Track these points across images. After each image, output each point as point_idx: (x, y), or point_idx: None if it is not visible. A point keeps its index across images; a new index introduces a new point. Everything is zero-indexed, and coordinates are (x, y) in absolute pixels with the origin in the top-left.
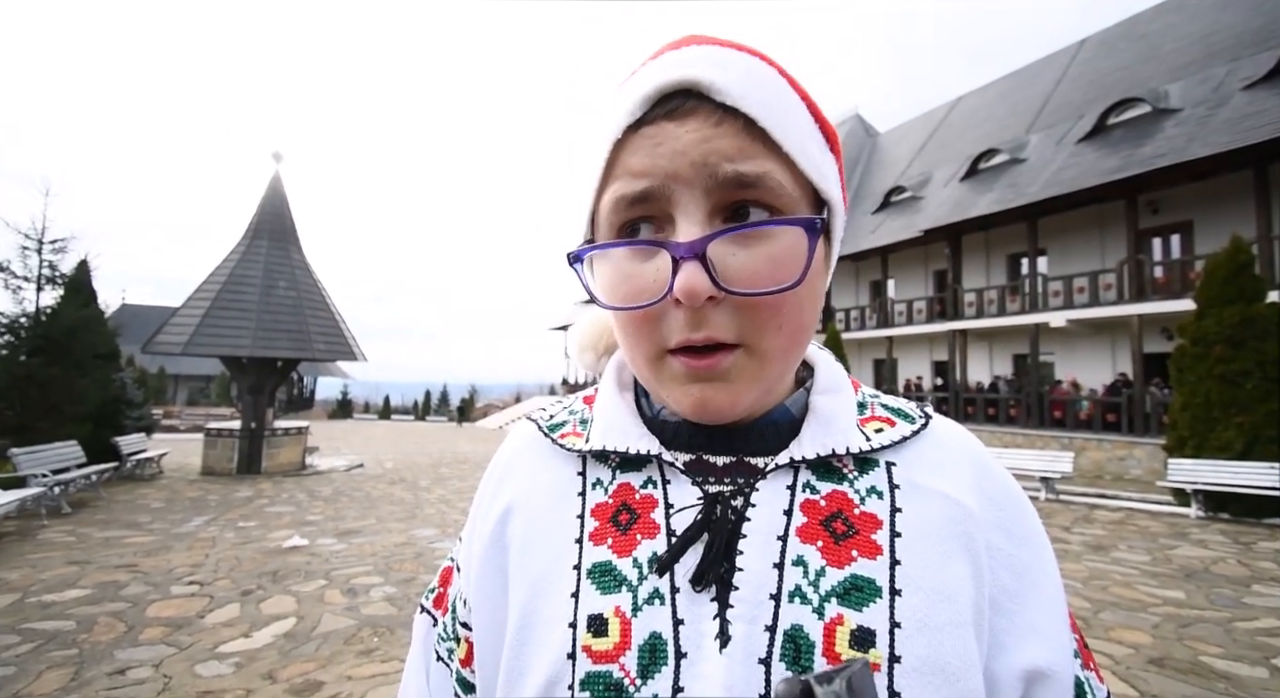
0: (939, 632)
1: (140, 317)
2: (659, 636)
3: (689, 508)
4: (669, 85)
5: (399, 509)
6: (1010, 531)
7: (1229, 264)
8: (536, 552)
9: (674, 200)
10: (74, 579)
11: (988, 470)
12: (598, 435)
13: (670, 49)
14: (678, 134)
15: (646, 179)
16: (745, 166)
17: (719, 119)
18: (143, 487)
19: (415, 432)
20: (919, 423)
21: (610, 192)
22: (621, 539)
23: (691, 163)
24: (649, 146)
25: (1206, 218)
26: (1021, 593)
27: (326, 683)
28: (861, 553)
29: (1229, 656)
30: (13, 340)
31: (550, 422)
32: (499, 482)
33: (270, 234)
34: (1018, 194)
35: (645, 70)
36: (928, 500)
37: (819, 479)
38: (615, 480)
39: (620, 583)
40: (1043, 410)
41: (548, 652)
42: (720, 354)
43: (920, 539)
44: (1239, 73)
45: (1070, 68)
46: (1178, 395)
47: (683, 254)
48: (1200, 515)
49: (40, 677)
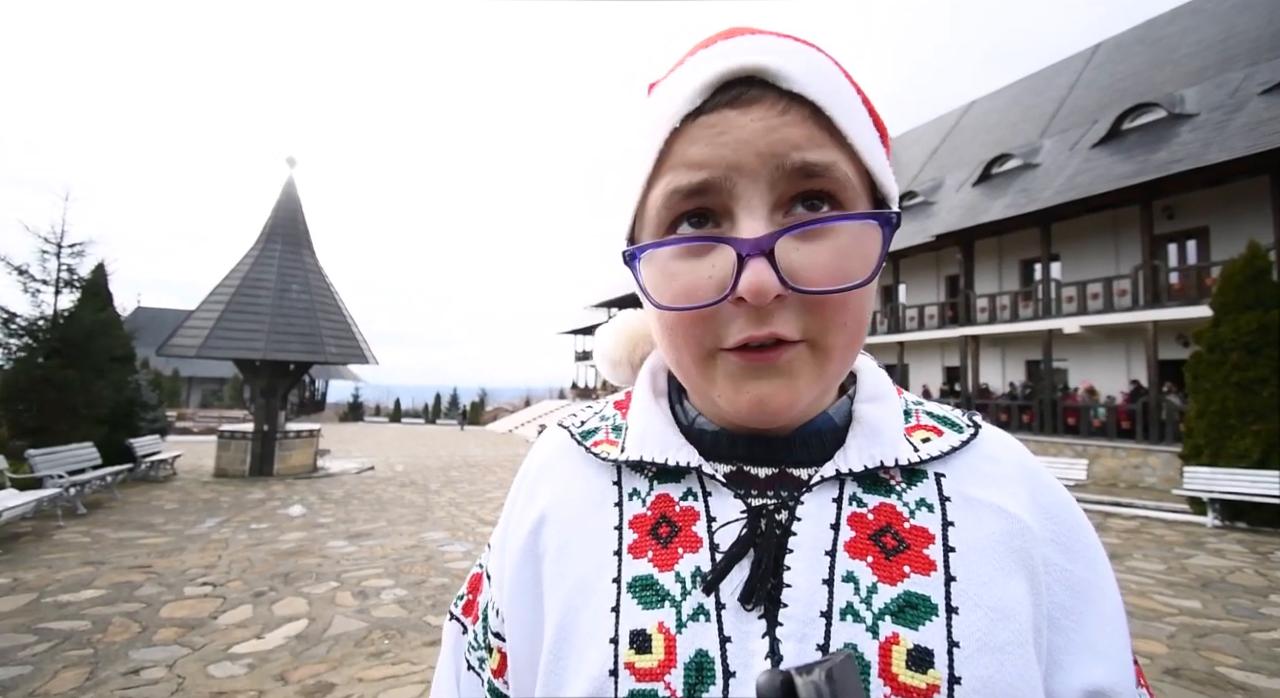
0: (1000, 652)
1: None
2: (705, 654)
3: (733, 522)
4: (731, 71)
5: (409, 512)
6: (1067, 545)
7: (1246, 270)
8: (572, 563)
9: (735, 193)
10: (89, 580)
11: (1042, 483)
12: (634, 445)
13: (722, 38)
14: (741, 122)
15: (706, 170)
16: (814, 155)
17: (785, 107)
18: (157, 488)
19: (425, 435)
20: (968, 433)
21: (662, 184)
22: (663, 553)
23: (757, 153)
24: (710, 136)
25: (1223, 223)
26: (1079, 611)
27: (338, 685)
28: (914, 569)
29: (1246, 666)
30: (31, 343)
31: (582, 429)
32: (532, 489)
33: (284, 238)
34: (1031, 199)
35: (699, 58)
36: (981, 514)
37: (865, 492)
38: (653, 492)
39: (663, 598)
40: (1056, 417)
41: (587, 667)
42: (782, 348)
43: (976, 555)
44: (1256, 77)
45: (1084, 72)
46: (1194, 402)
47: (749, 251)
48: (1217, 524)
49: (56, 676)
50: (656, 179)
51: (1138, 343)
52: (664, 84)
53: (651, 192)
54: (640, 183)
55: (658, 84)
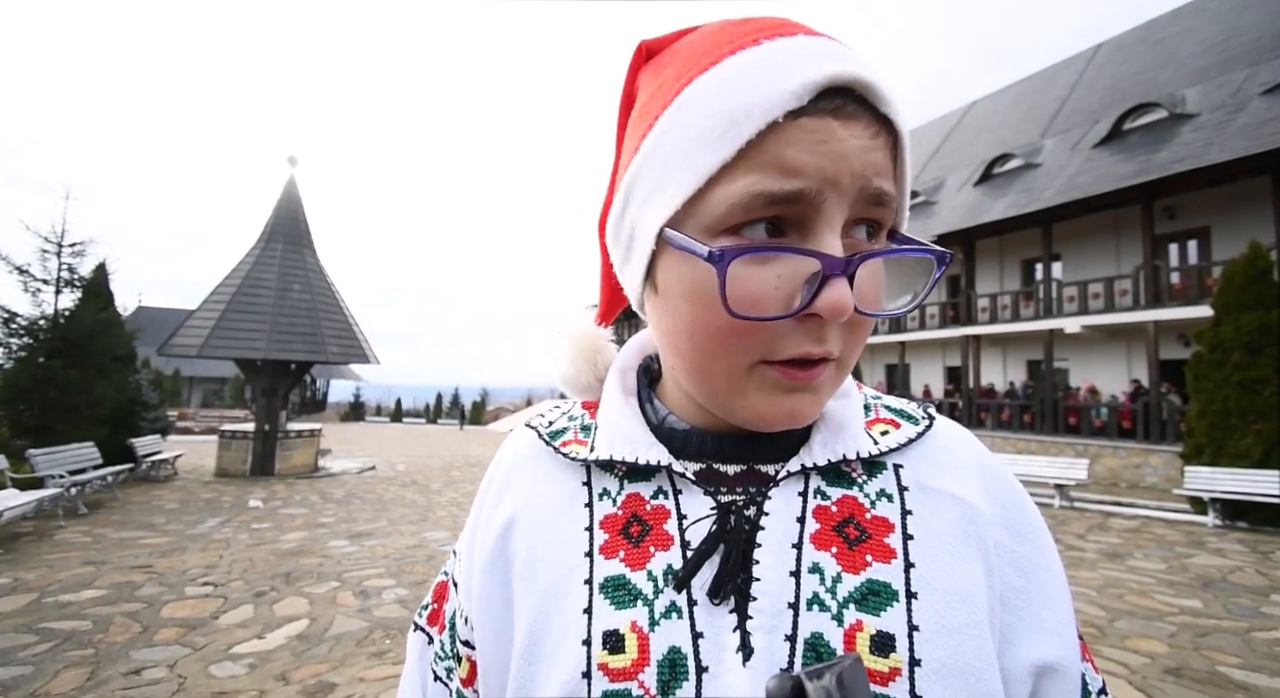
0: (957, 633)
1: (156, 319)
2: (678, 650)
3: (703, 519)
4: (839, 78)
5: (411, 512)
6: (1016, 528)
7: (1247, 270)
8: (543, 566)
9: (822, 208)
10: (90, 580)
11: (991, 470)
12: (604, 445)
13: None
14: (843, 136)
15: (801, 179)
16: (887, 184)
17: (877, 130)
18: (158, 488)
19: (427, 435)
20: (923, 425)
21: (744, 182)
22: (634, 552)
23: (852, 171)
24: (812, 143)
25: (1224, 223)
26: (1028, 590)
27: (339, 685)
28: (876, 557)
29: (1247, 666)
30: (32, 343)
31: (550, 429)
32: (499, 493)
33: (285, 238)
34: (1032, 199)
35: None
36: (937, 502)
37: (829, 485)
38: (623, 491)
39: (635, 597)
40: (1057, 417)
41: (560, 671)
42: (823, 366)
43: (933, 541)
44: (1258, 77)
45: (1086, 72)
46: (1195, 402)
47: (838, 270)
48: (1217, 524)
49: (57, 676)
50: (733, 173)
51: (1139, 343)
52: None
53: (721, 185)
54: (706, 170)
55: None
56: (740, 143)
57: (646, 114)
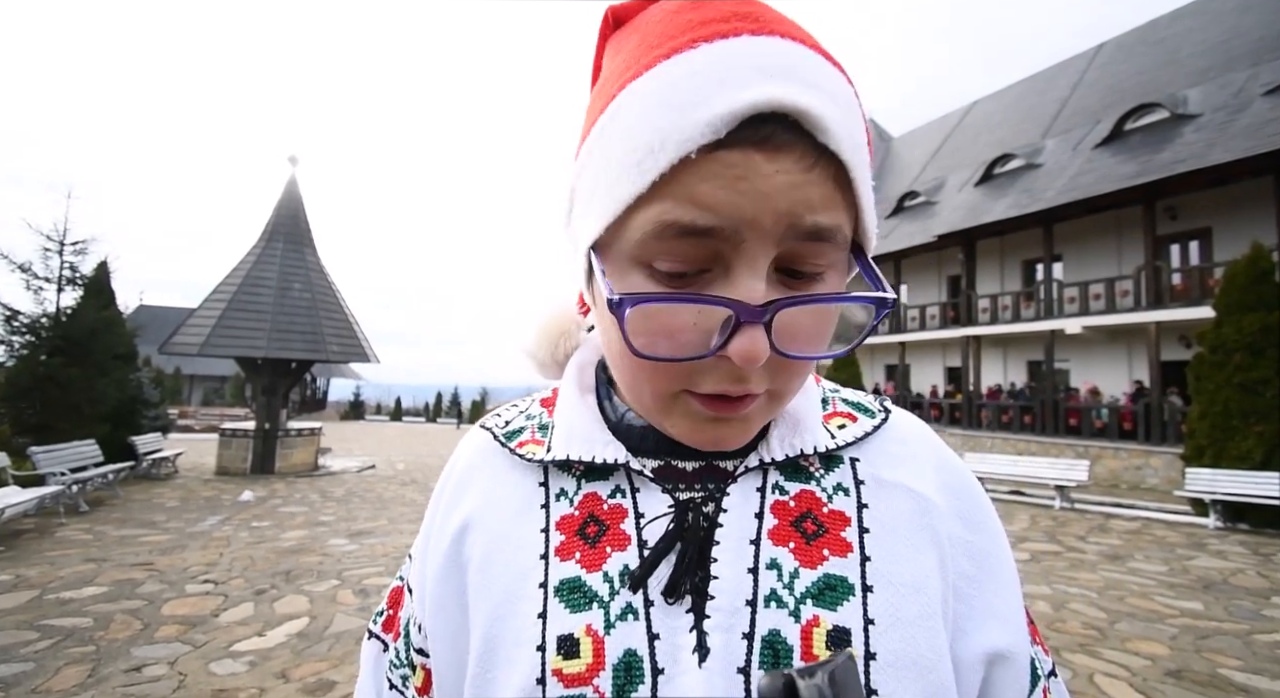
0: (911, 626)
1: (158, 318)
2: (634, 653)
3: (660, 517)
4: (765, 105)
5: (410, 511)
6: (968, 518)
7: (1249, 271)
8: (498, 570)
9: (741, 248)
10: (91, 577)
11: (945, 461)
12: (560, 444)
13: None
14: (766, 172)
15: (715, 217)
16: (825, 219)
17: (813, 162)
18: (158, 486)
19: (427, 433)
20: (879, 417)
21: (655, 210)
22: (590, 553)
23: (775, 211)
24: (729, 180)
25: (1226, 224)
26: (980, 579)
27: (339, 683)
28: (833, 552)
29: (1248, 668)
30: (34, 341)
31: (506, 430)
32: (454, 495)
33: (286, 237)
34: (1033, 199)
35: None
36: (892, 495)
37: (787, 479)
38: (580, 490)
39: (591, 600)
40: (1058, 418)
41: (515, 678)
42: (748, 400)
43: (888, 534)
44: (1260, 78)
45: (1087, 72)
46: (1196, 404)
47: (751, 319)
48: (1219, 526)
49: (58, 673)
50: (649, 200)
51: (1140, 344)
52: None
53: (639, 212)
54: (624, 200)
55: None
56: (654, 175)
57: (600, 97)
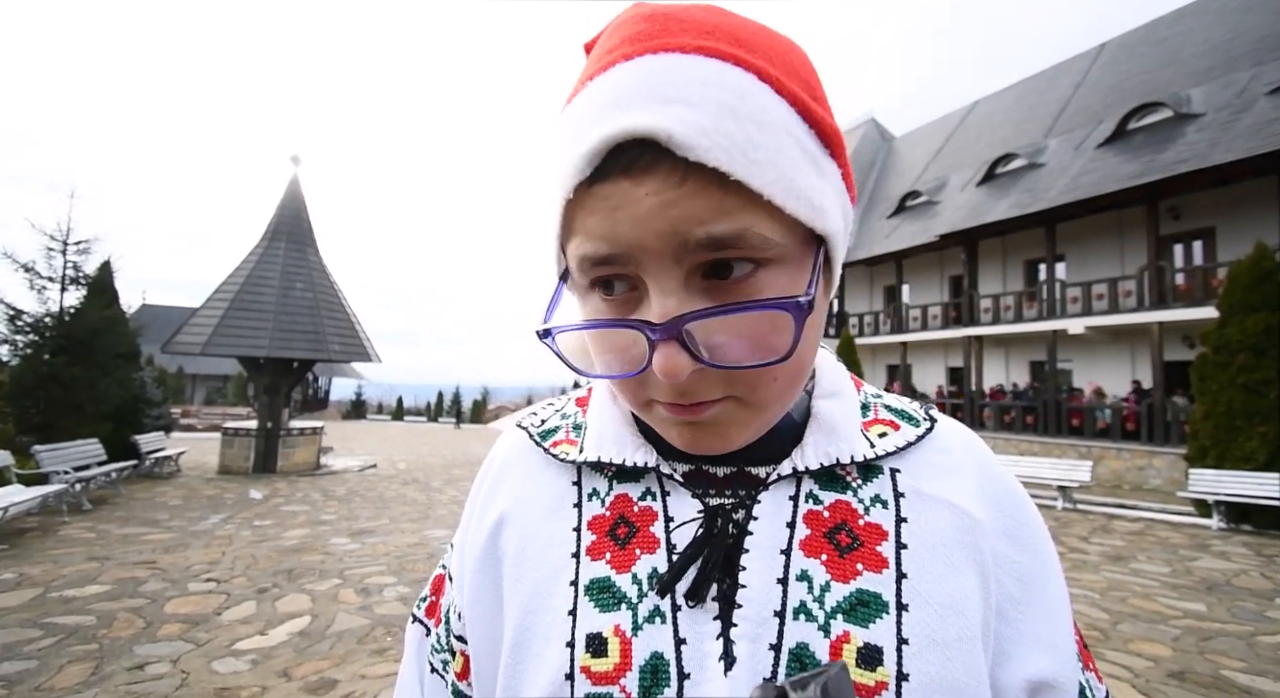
0: (948, 648)
1: (160, 317)
2: (660, 656)
3: (690, 522)
4: (616, 137)
5: (412, 510)
6: (1015, 536)
7: (1253, 271)
8: (531, 566)
9: (643, 267)
10: (94, 575)
11: (992, 475)
12: (592, 446)
13: (620, 57)
14: (636, 196)
15: (608, 246)
16: (719, 228)
17: (681, 176)
18: (161, 485)
19: (428, 433)
20: (923, 427)
21: (573, 243)
22: (620, 554)
23: (656, 232)
24: (606, 210)
25: (1229, 224)
26: (1026, 601)
27: (341, 682)
28: (867, 567)
29: (1252, 670)
30: (37, 340)
31: (542, 429)
32: (490, 492)
33: (288, 236)
34: (1035, 199)
35: (593, 92)
36: (933, 510)
37: (822, 489)
38: (612, 492)
39: (619, 601)
40: (1060, 418)
41: (545, 671)
42: (705, 405)
43: (927, 551)
44: (1263, 77)
45: (1090, 72)
46: (1199, 405)
47: (657, 336)
48: (1222, 527)
49: (61, 671)
50: (568, 236)
51: (1143, 344)
52: (569, 111)
53: (567, 245)
54: (555, 231)
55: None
56: (559, 213)
57: None
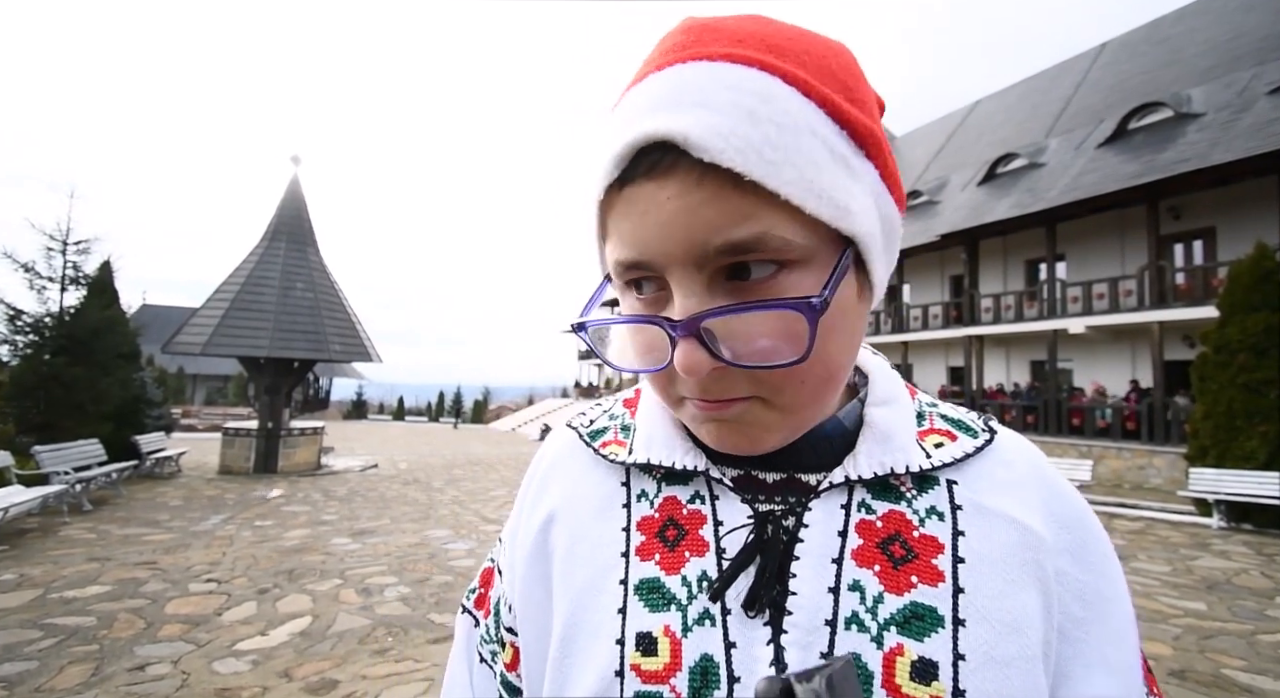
0: (1007, 667)
1: (160, 317)
2: (710, 658)
3: (740, 528)
4: (639, 141)
5: (413, 510)
6: (1079, 555)
7: (1253, 271)
8: (581, 563)
9: (669, 270)
10: (95, 576)
11: (1057, 491)
12: (641, 447)
13: (654, 68)
14: (660, 200)
15: (638, 251)
16: (737, 234)
17: (699, 177)
18: (162, 485)
19: (429, 433)
20: (982, 438)
21: (608, 249)
22: (669, 556)
23: (677, 239)
24: (635, 214)
25: (1230, 224)
26: (1090, 623)
27: (342, 682)
28: (922, 579)
29: (1252, 669)
30: (37, 340)
31: (591, 429)
32: (540, 488)
33: (288, 236)
34: (1036, 199)
35: (625, 106)
36: (993, 524)
37: (875, 498)
38: (660, 493)
39: (669, 602)
40: (1060, 418)
41: (594, 666)
42: (730, 403)
43: (986, 566)
44: (1264, 77)
45: (1090, 72)
46: (1200, 404)
47: (677, 333)
48: (1222, 526)
49: (62, 672)
50: (605, 238)
51: (1143, 344)
52: (609, 120)
53: (605, 247)
54: (594, 236)
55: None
56: (595, 217)
57: None
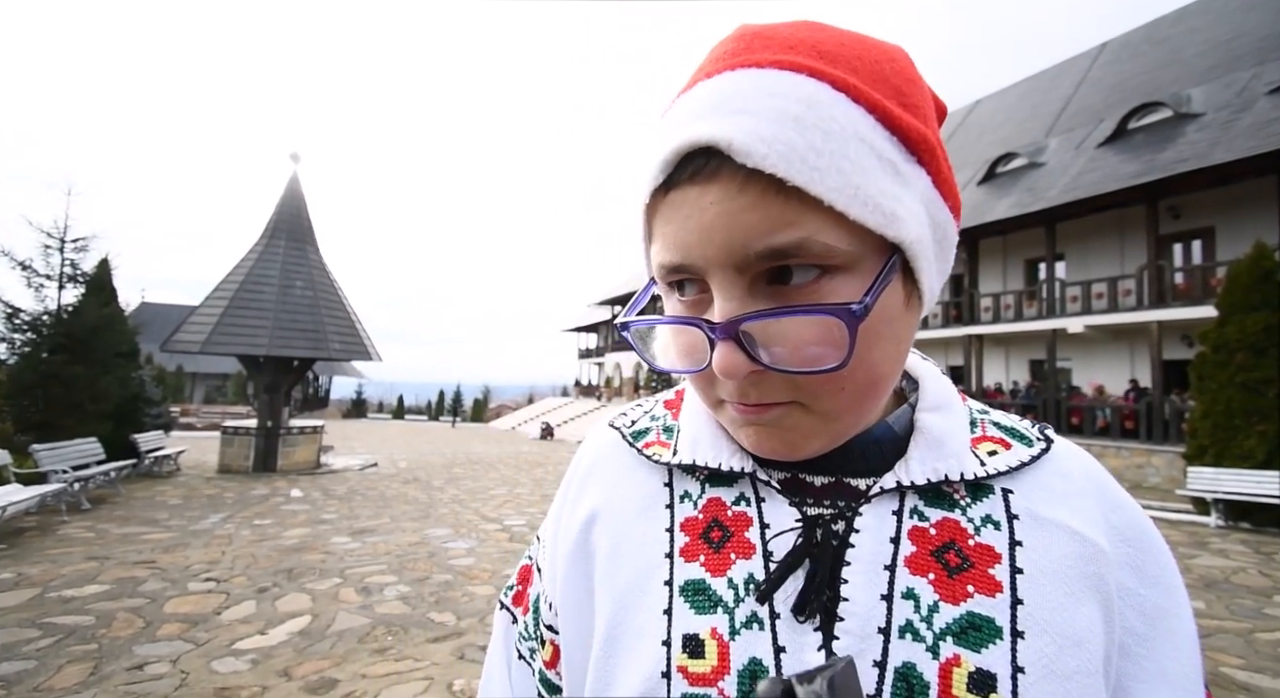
0: (1067, 681)
1: (159, 315)
2: (759, 662)
3: (788, 531)
4: (684, 147)
5: (413, 509)
6: (1141, 569)
7: (1252, 270)
8: (624, 563)
9: (710, 274)
10: (93, 575)
11: (1117, 503)
12: (686, 448)
13: (704, 76)
14: (703, 205)
15: (681, 255)
16: (779, 239)
17: (742, 183)
18: (161, 484)
19: (429, 432)
20: (1038, 447)
21: (654, 251)
22: (715, 558)
23: (718, 244)
24: (679, 219)
25: (1229, 223)
26: (1152, 639)
27: (341, 681)
28: (979, 589)
29: (1250, 667)
30: (35, 338)
31: (633, 429)
32: (581, 487)
33: (288, 234)
34: (1036, 198)
35: (675, 112)
36: (1051, 535)
37: (928, 505)
38: (704, 495)
39: (715, 604)
40: (1059, 417)
41: (640, 666)
42: (768, 407)
43: (1044, 577)
44: (1264, 77)
45: (1090, 71)
46: (1198, 403)
47: (716, 335)
48: (1220, 525)
49: (60, 671)
50: (652, 242)
51: (1142, 343)
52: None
53: (651, 250)
54: (642, 237)
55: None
56: (641, 220)
57: None
